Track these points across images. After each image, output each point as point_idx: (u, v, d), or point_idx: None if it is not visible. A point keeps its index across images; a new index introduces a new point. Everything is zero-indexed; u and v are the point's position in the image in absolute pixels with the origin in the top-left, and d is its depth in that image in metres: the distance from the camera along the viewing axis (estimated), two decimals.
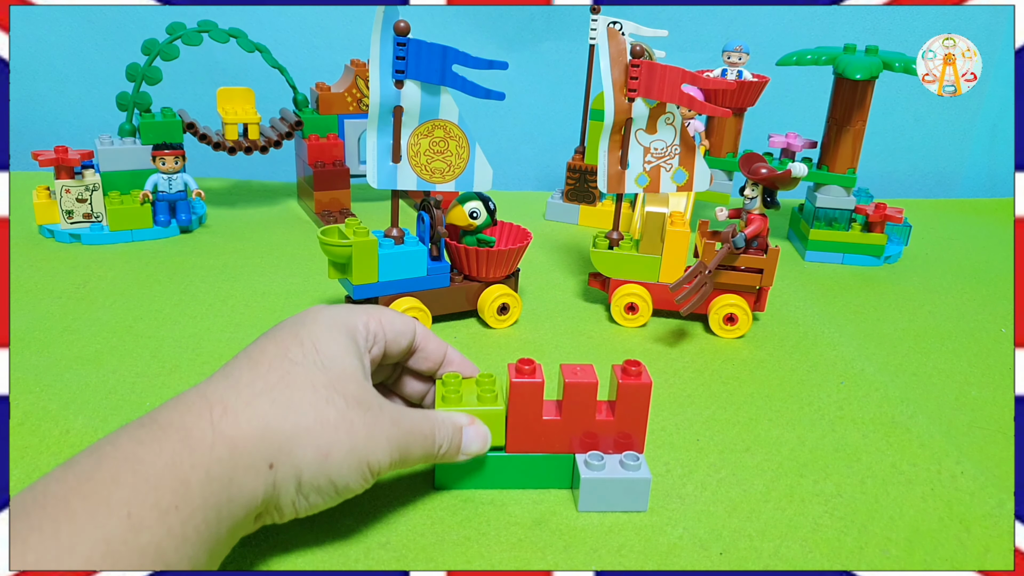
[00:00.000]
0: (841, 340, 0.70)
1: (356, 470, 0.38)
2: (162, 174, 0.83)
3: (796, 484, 0.49)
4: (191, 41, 0.83)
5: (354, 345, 0.41)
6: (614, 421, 0.46)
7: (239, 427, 0.35)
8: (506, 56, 1.15)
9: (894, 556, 0.44)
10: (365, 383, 0.40)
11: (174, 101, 0.90)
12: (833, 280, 0.84)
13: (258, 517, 0.37)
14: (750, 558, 0.43)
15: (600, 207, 0.96)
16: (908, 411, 0.59)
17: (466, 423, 0.44)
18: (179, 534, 0.32)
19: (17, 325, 0.63)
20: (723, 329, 0.69)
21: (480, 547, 0.42)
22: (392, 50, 0.58)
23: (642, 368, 0.45)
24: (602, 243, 0.70)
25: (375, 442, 0.39)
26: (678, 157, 0.67)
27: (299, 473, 0.36)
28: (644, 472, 0.45)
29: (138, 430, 0.34)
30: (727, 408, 0.58)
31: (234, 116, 0.87)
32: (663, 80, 0.63)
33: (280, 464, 0.36)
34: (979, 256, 0.95)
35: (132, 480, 0.31)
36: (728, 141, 0.96)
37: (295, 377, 0.38)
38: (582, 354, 0.65)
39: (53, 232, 0.82)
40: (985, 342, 0.72)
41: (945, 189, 1.36)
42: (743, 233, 0.65)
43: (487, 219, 0.66)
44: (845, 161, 0.87)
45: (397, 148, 0.62)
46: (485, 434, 0.45)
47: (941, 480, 0.51)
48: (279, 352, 0.39)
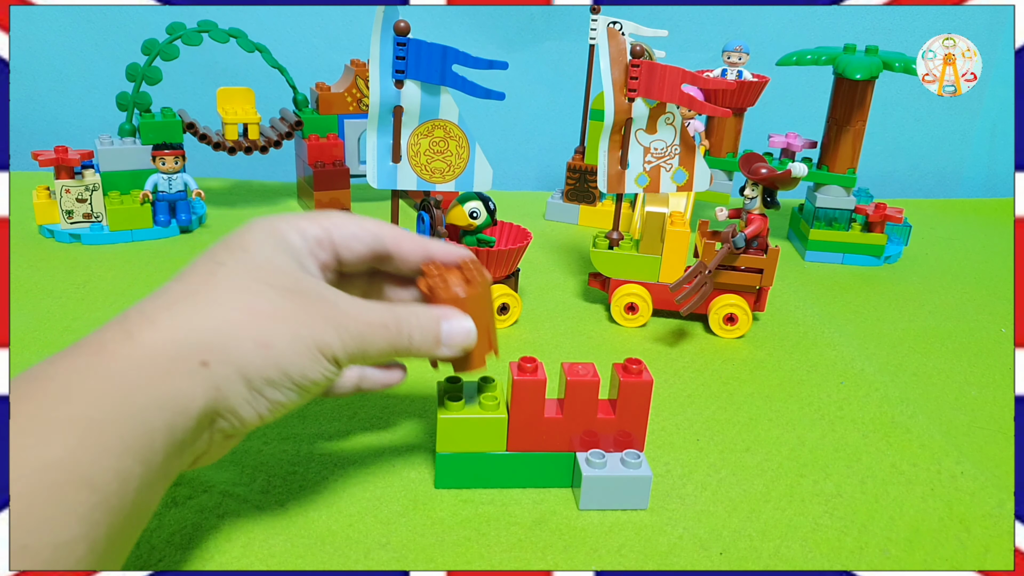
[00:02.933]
0: (841, 340, 0.70)
1: (308, 356, 0.36)
2: (162, 174, 0.83)
3: (796, 484, 0.49)
4: (191, 41, 0.83)
5: (287, 244, 0.38)
6: (615, 419, 0.46)
7: (158, 331, 0.33)
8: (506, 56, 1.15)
9: (894, 556, 0.44)
10: (302, 275, 0.38)
11: (174, 101, 0.90)
12: (833, 280, 0.84)
13: (213, 425, 0.35)
14: (750, 558, 0.43)
15: (600, 207, 0.96)
16: (908, 411, 0.59)
17: (446, 315, 0.41)
18: (94, 444, 0.30)
19: (17, 325, 0.63)
20: (723, 329, 0.69)
21: (480, 547, 0.42)
22: (392, 50, 0.58)
23: (643, 366, 0.45)
24: (602, 243, 0.70)
25: (318, 327, 0.36)
26: (678, 157, 0.67)
27: (243, 369, 0.34)
28: (645, 470, 0.45)
29: (55, 356, 0.33)
30: (727, 408, 0.58)
31: (234, 116, 0.87)
32: (663, 80, 0.63)
33: (215, 362, 0.34)
34: (979, 256, 0.95)
35: (40, 396, 0.30)
36: (728, 141, 0.97)
37: (219, 278, 0.36)
38: (582, 354, 0.65)
39: (53, 232, 0.82)
40: (985, 342, 0.72)
41: (945, 189, 1.36)
42: (743, 233, 0.65)
43: (487, 219, 0.66)
44: (845, 161, 0.87)
45: (397, 148, 0.62)
46: (469, 327, 0.41)
47: (941, 480, 0.51)
48: (205, 259, 0.37)
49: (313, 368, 0.36)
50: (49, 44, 1.12)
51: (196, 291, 0.36)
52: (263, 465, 0.47)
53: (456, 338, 0.41)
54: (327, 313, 0.37)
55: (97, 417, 0.30)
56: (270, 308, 0.36)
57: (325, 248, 0.40)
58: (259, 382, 0.35)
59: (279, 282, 0.37)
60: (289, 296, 0.36)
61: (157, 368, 0.33)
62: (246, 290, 0.36)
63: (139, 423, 0.31)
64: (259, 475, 0.46)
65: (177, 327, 0.34)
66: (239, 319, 0.35)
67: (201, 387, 0.33)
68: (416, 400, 0.55)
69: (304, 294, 0.37)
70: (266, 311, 0.35)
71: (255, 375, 0.35)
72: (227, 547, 0.41)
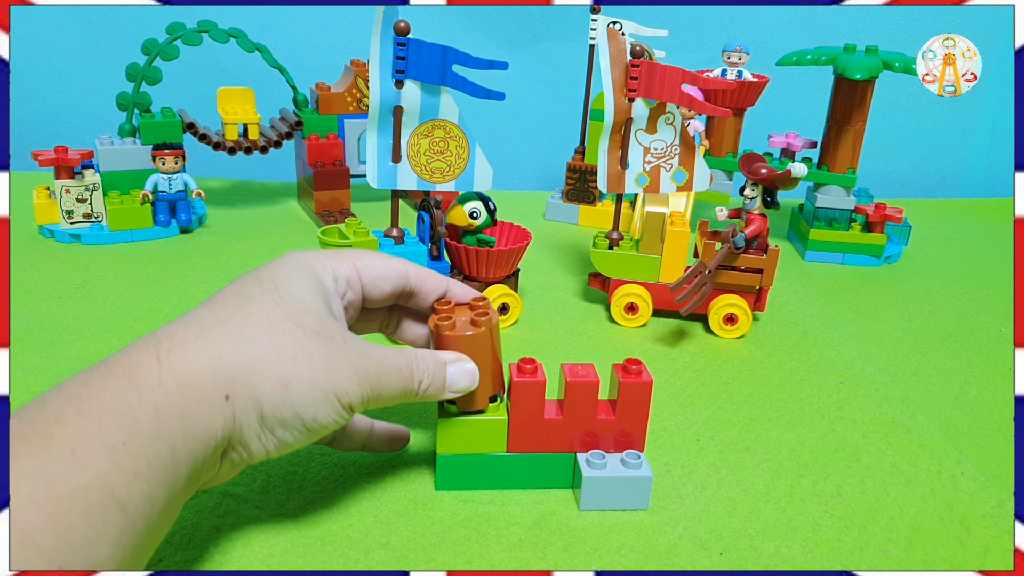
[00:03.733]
0: (841, 340, 0.70)
1: (323, 402, 0.37)
2: (162, 174, 0.83)
3: (796, 484, 0.49)
4: (191, 41, 0.83)
5: (318, 284, 0.39)
6: (615, 420, 0.46)
7: (188, 360, 0.34)
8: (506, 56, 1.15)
9: (894, 556, 0.44)
10: (328, 318, 0.39)
11: (174, 101, 0.90)
12: (833, 280, 0.84)
13: (224, 455, 0.36)
14: (750, 558, 0.43)
15: (600, 207, 0.96)
16: (908, 411, 0.59)
17: (451, 359, 0.42)
18: (128, 469, 0.31)
19: (17, 325, 0.63)
20: (723, 329, 0.69)
21: (480, 547, 0.42)
22: (392, 50, 0.58)
23: (643, 367, 0.45)
24: (602, 243, 0.70)
25: (339, 373, 0.37)
26: (678, 157, 0.67)
27: (259, 405, 0.35)
28: (645, 470, 0.45)
29: (85, 374, 0.33)
30: (727, 408, 0.58)
31: (234, 116, 0.87)
32: (663, 80, 0.63)
33: (237, 395, 0.35)
34: (979, 256, 0.95)
35: (75, 418, 0.31)
36: (728, 141, 0.97)
37: (249, 311, 0.37)
38: (582, 354, 0.65)
39: (53, 232, 0.82)
40: (985, 342, 0.72)
41: (945, 189, 1.36)
42: (743, 233, 0.65)
43: (487, 219, 0.66)
44: (845, 161, 0.87)
45: (397, 148, 0.62)
46: (472, 370, 0.43)
47: (941, 480, 0.51)
48: (236, 291, 0.38)
49: (326, 413, 0.37)
50: (49, 44, 1.12)
51: (225, 322, 0.36)
52: (263, 465, 0.47)
53: (460, 383, 0.43)
54: (349, 358, 0.38)
55: (130, 443, 0.31)
56: (295, 348, 0.36)
57: (354, 288, 0.42)
58: (271, 420, 0.36)
59: (307, 323, 0.37)
60: (314, 338, 0.37)
61: (185, 398, 0.33)
62: (274, 327, 0.36)
63: (167, 450, 0.32)
64: (259, 475, 0.46)
65: (206, 358, 0.35)
66: (264, 356, 0.36)
67: (222, 418, 0.35)
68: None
69: (329, 338, 0.38)
70: (290, 351, 0.36)
71: (269, 413, 0.36)
72: (227, 547, 0.41)
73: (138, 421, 0.32)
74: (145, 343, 0.35)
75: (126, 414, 0.32)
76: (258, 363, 0.35)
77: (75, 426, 0.30)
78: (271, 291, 0.38)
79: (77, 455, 0.30)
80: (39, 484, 0.28)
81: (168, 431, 0.32)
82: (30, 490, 0.28)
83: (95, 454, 0.30)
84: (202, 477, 0.36)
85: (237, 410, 0.35)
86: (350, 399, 0.38)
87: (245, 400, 0.35)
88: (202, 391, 0.34)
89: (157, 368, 0.34)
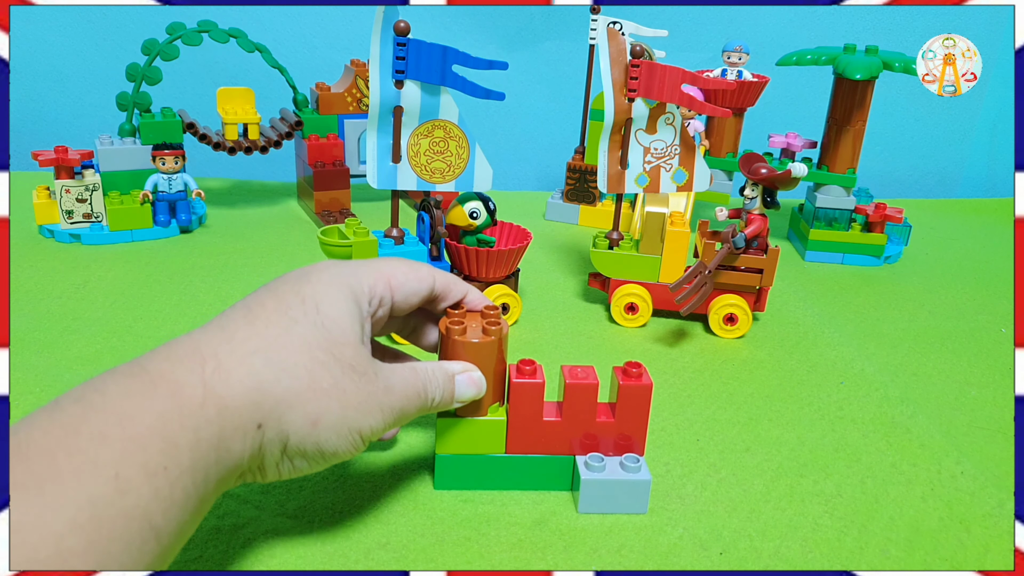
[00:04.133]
0: (841, 340, 0.70)
1: (346, 438, 0.37)
2: (162, 174, 0.83)
3: (796, 484, 0.49)
4: (191, 41, 0.83)
5: (356, 308, 0.39)
6: (614, 423, 0.46)
7: (230, 386, 0.34)
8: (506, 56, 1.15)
9: (894, 556, 0.44)
10: (362, 348, 0.39)
11: (174, 101, 0.90)
12: (833, 280, 0.84)
13: (240, 476, 0.36)
14: (750, 558, 0.43)
15: (600, 207, 0.96)
16: (908, 411, 0.59)
17: (458, 370, 0.43)
18: (167, 496, 0.31)
19: (17, 325, 0.63)
20: (723, 329, 0.69)
21: (480, 547, 0.42)
22: (392, 50, 0.58)
23: (643, 370, 0.45)
24: (602, 243, 0.70)
25: (367, 410, 0.38)
26: (678, 157, 0.67)
27: (286, 438, 0.36)
28: (644, 474, 0.45)
29: (127, 380, 0.33)
30: (727, 408, 0.58)
31: (234, 116, 0.87)
32: (663, 80, 0.63)
33: (268, 427, 0.35)
34: (979, 256, 0.95)
35: (120, 438, 0.30)
36: (728, 141, 0.97)
37: (292, 337, 0.37)
38: (582, 354, 0.65)
39: (53, 232, 0.82)
40: (985, 342, 0.72)
41: (945, 189, 1.36)
42: (743, 233, 0.65)
43: (487, 219, 0.66)
44: (845, 161, 0.87)
45: (397, 148, 0.62)
46: (479, 380, 0.44)
47: (941, 480, 0.51)
48: (279, 307, 0.38)
49: (346, 448, 0.38)
50: (49, 44, 1.12)
51: (269, 346, 0.36)
52: None
53: (467, 394, 0.43)
54: (377, 395, 0.39)
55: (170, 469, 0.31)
56: (330, 384, 0.37)
57: (385, 306, 0.42)
58: (294, 452, 0.37)
59: (344, 355, 0.38)
60: (349, 372, 0.37)
61: (223, 426, 0.34)
62: (315, 359, 0.37)
63: (202, 478, 0.33)
64: None
65: (247, 385, 0.35)
66: (301, 390, 0.36)
67: (249, 447, 0.35)
68: None
69: (361, 372, 0.38)
70: (325, 387, 0.37)
71: (294, 445, 0.36)
72: (227, 547, 0.41)
73: (179, 448, 0.32)
74: (188, 356, 0.35)
75: (169, 439, 0.32)
76: (295, 397, 0.36)
77: (119, 447, 0.30)
78: (313, 314, 0.38)
79: (120, 479, 0.30)
80: (83, 508, 0.28)
81: (204, 459, 0.33)
82: (74, 513, 0.28)
83: (137, 480, 0.30)
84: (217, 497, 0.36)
85: (265, 440, 0.35)
86: (373, 434, 0.39)
87: (274, 432, 0.36)
88: (239, 420, 0.34)
89: (201, 390, 0.33)
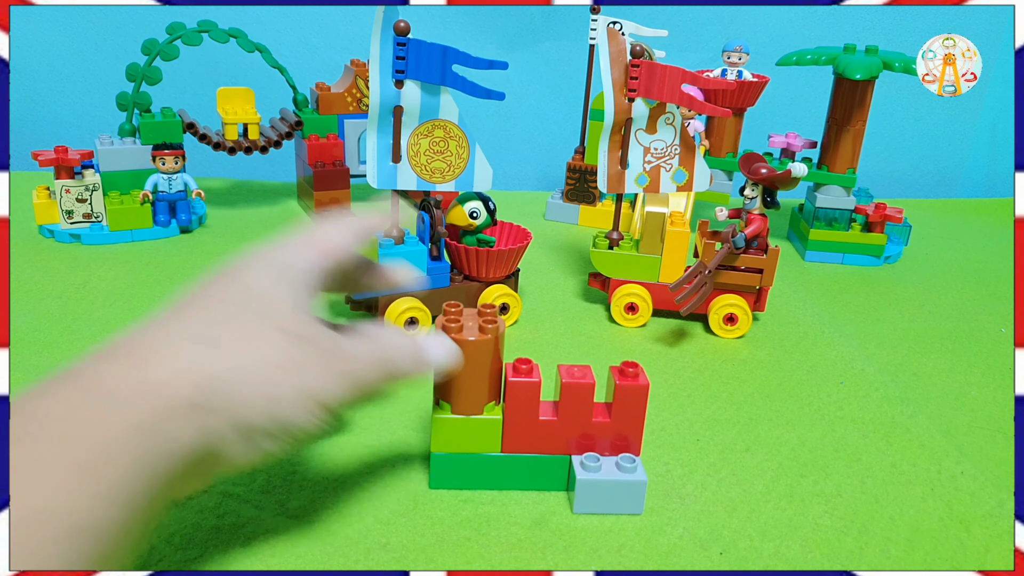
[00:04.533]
0: (841, 340, 0.70)
1: (305, 408, 0.35)
2: (162, 174, 0.83)
3: (796, 484, 0.49)
4: (191, 41, 0.83)
5: (288, 278, 0.38)
6: (611, 423, 0.45)
7: (166, 372, 0.33)
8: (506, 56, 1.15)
9: (894, 556, 0.44)
10: (303, 316, 0.37)
11: (174, 101, 0.90)
12: (833, 280, 0.84)
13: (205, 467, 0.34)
14: (750, 558, 0.43)
15: (600, 207, 0.96)
16: (908, 411, 0.59)
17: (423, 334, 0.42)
18: (102, 493, 0.29)
19: (17, 325, 0.63)
20: (723, 329, 0.69)
21: (480, 547, 0.42)
22: (392, 50, 0.58)
23: (639, 370, 0.45)
24: (602, 243, 0.70)
25: (323, 376, 0.36)
26: (678, 157, 0.67)
27: (243, 419, 0.34)
28: (640, 475, 0.45)
29: (59, 384, 0.32)
30: (727, 408, 0.58)
31: (234, 116, 0.87)
32: (663, 80, 0.63)
33: (218, 410, 0.33)
34: (979, 256, 0.95)
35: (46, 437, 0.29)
36: (728, 141, 0.96)
37: (227, 317, 0.35)
38: (582, 354, 0.65)
39: (53, 232, 0.82)
40: (985, 342, 0.72)
41: (945, 189, 1.36)
42: (743, 233, 0.65)
43: (487, 219, 0.66)
44: (845, 161, 0.87)
45: (397, 148, 0.62)
46: (449, 344, 0.42)
47: (941, 480, 0.51)
48: (210, 294, 0.37)
49: (308, 419, 0.36)
50: (49, 44, 1.11)
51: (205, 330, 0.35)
52: (263, 465, 0.47)
53: (439, 358, 0.42)
54: (330, 361, 0.37)
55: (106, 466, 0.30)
56: (280, 356, 0.35)
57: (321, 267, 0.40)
58: (257, 433, 0.35)
59: (286, 325, 0.36)
60: (297, 343, 0.36)
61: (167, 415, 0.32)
62: (256, 335, 0.35)
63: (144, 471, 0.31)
64: (259, 475, 0.46)
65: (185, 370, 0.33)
66: (248, 365, 0.34)
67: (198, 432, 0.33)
68: (417, 400, 0.55)
69: (309, 339, 0.36)
70: (275, 359, 0.35)
71: (255, 424, 0.34)
72: (227, 547, 0.41)
73: (114, 440, 0.30)
74: (123, 352, 0.34)
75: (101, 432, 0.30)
76: (244, 375, 0.34)
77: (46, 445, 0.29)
78: (244, 293, 0.36)
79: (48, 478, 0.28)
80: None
81: (142, 449, 0.31)
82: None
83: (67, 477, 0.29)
84: (181, 490, 0.34)
85: (217, 425, 0.33)
86: (334, 404, 0.37)
87: (225, 414, 0.33)
88: (181, 406, 0.32)
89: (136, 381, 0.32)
